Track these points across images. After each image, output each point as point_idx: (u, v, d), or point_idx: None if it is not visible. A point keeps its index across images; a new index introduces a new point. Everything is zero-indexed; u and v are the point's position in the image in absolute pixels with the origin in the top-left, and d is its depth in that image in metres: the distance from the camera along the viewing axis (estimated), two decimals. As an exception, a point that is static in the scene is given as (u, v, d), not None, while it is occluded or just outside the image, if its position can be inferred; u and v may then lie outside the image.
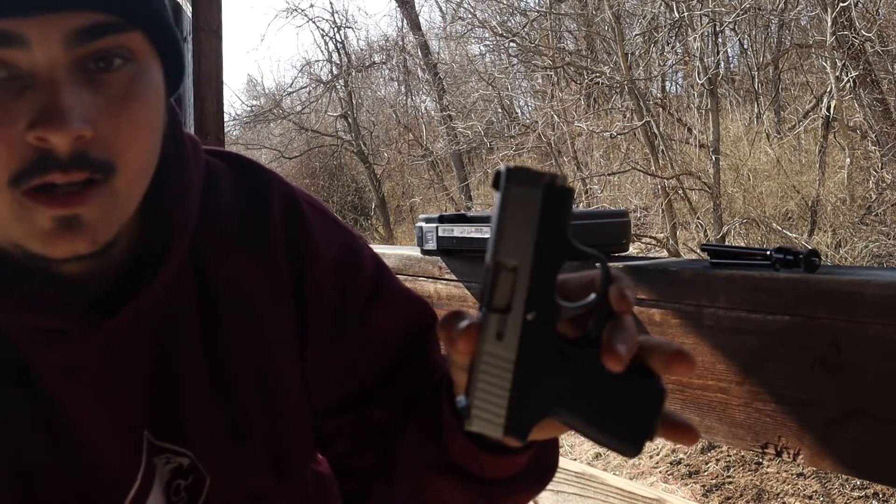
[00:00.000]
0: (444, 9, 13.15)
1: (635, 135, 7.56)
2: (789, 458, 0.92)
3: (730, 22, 7.40)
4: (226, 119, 2.26)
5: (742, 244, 5.90)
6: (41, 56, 0.50)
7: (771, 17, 7.85)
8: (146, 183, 0.58)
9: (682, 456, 4.08)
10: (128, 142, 0.54)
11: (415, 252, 1.42)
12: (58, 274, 0.58)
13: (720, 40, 7.93)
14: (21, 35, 0.50)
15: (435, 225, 1.43)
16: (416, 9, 13.00)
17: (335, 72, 12.71)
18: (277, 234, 0.66)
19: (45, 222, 0.52)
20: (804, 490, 3.56)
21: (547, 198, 0.45)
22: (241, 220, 0.66)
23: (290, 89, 13.22)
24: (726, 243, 5.50)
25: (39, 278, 0.57)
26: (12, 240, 0.54)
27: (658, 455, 4.16)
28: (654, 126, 6.99)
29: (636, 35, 7.86)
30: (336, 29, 14.27)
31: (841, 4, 5.86)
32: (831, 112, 6.36)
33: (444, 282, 1.35)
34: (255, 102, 14.68)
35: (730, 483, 3.79)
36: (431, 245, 1.35)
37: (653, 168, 7.01)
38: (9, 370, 0.58)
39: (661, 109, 7.88)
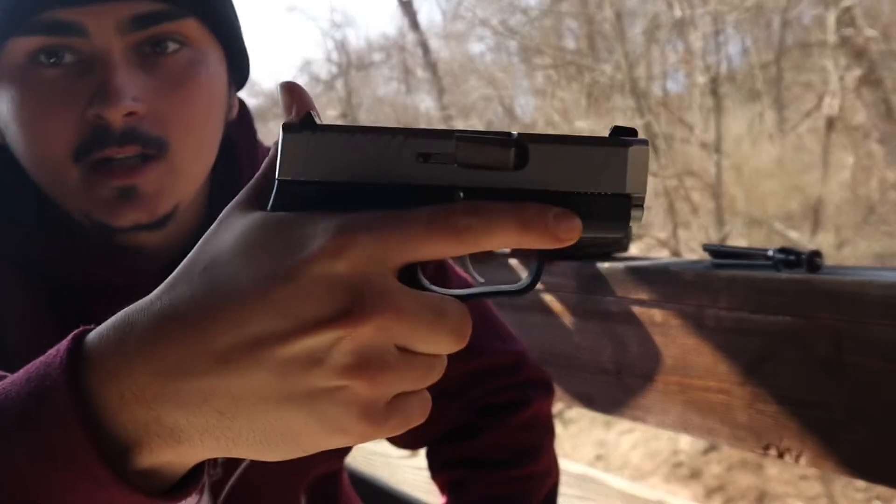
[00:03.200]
0: (444, 7, 13.15)
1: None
2: (792, 459, 0.91)
3: (732, 21, 7.38)
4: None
5: (744, 244, 5.89)
6: (98, 42, 0.56)
7: (773, 15, 7.84)
8: (206, 161, 0.63)
9: (683, 458, 4.07)
10: (181, 120, 0.59)
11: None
12: (125, 244, 0.63)
13: (722, 38, 7.92)
14: (79, 24, 0.56)
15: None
16: (416, 7, 13.00)
17: (334, 71, 12.71)
18: None
19: (107, 192, 0.58)
20: (807, 492, 3.54)
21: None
22: None
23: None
24: (728, 243, 5.49)
25: (112, 245, 0.62)
26: (81, 209, 0.60)
27: (659, 457, 4.15)
28: (656, 125, 6.98)
29: (637, 33, 7.85)
30: (335, 28, 14.28)
31: (845, 3, 5.84)
32: (834, 111, 6.35)
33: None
34: (254, 101, 14.73)
35: (732, 485, 3.78)
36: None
37: (654, 167, 7.01)
38: (76, 320, 0.62)
39: (662, 108, 7.87)
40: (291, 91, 0.35)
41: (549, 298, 1.19)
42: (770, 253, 0.95)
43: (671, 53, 8.34)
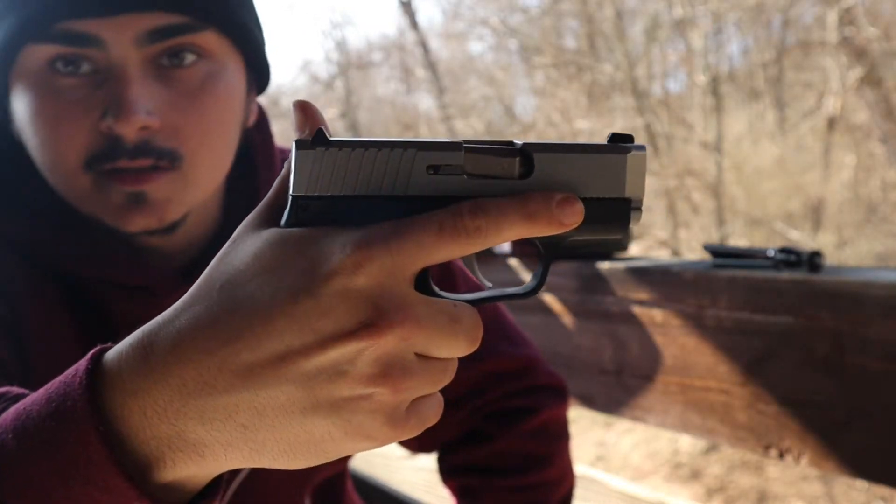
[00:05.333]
0: (444, 7, 13.16)
1: (636, 134, 7.55)
2: (792, 460, 0.91)
3: (733, 20, 7.38)
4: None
5: (745, 244, 5.89)
6: (115, 54, 0.56)
7: (774, 14, 7.83)
8: (221, 170, 0.63)
9: (683, 458, 4.07)
10: (196, 133, 0.59)
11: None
12: (139, 246, 0.63)
13: (722, 38, 7.92)
14: (97, 36, 0.55)
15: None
16: (416, 7, 13.01)
17: (334, 70, 12.72)
18: None
19: (117, 198, 0.58)
20: (807, 492, 3.54)
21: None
22: None
23: (288, 88, 13.27)
24: (729, 243, 5.49)
25: (127, 246, 0.63)
26: (92, 213, 0.60)
27: (660, 457, 4.15)
28: (656, 125, 6.98)
29: (637, 33, 7.85)
30: (335, 27, 14.31)
31: (846, 2, 5.84)
32: (835, 111, 6.34)
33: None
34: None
35: (732, 485, 3.77)
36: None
37: (655, 167, 7.00)
38: (93, 322, 0.63)
39: (662, 108, 7.86)
40: (304, 110, 0.36)
41: (549, 298, 1.18)
42: (771, 253, 0.95)
43: (671, 53, 8.34)
